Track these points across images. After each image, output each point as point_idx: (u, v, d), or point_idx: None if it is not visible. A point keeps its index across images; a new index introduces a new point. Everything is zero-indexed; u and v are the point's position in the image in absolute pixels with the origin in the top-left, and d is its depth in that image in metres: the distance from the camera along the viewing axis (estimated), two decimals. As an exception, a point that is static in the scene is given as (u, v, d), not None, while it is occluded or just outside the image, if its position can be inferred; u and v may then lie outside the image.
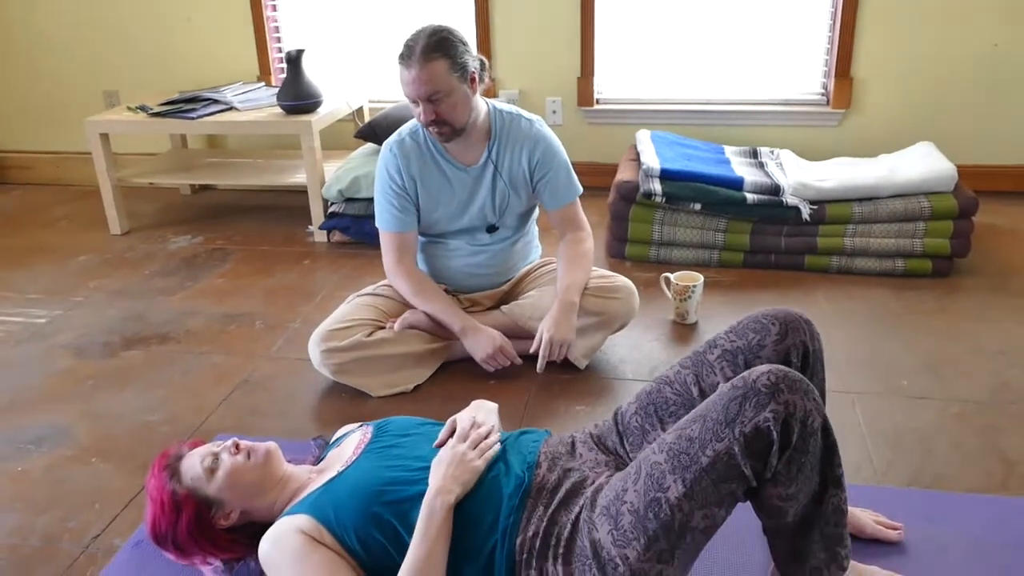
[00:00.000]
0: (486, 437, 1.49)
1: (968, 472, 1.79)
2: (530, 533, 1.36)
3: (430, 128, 2.09)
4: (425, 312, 2.22)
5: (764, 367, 1.22)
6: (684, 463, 1.22)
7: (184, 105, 3.37)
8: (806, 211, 2.75)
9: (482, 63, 2.10)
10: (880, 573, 1.46)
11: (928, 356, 2.27)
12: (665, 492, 1.22)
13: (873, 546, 1.55)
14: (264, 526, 1.48)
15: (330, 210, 3.21)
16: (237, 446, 1.50)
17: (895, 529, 1.59)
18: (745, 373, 1.23)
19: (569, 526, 1.33)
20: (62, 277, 3.02)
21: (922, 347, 2.32)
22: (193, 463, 1.48)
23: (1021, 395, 2.07)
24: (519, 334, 2.25)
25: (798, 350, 1.39)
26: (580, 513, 1.33)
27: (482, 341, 2.19)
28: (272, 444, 1.55)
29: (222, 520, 1.47)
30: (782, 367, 1.22)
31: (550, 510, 1.37)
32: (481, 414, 1.61)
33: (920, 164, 2.86)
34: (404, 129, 2.25)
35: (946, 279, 2.73)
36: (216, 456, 1.49)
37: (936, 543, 1.57)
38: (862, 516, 1.59)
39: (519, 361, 2.21)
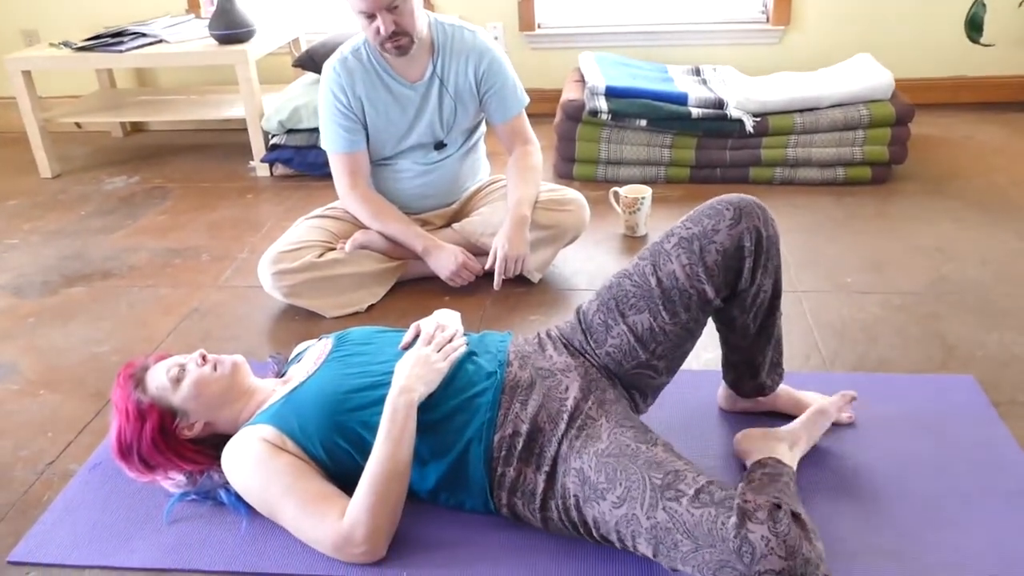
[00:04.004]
0: (450, 341, 1.50)
1: (910, 356, 1.87)
2: (508, 431, 1.37)
3: (387, 43, 2.03)
4: (384, 234, 2.20)
5: (764, 515, 1.13)
6: (659, 540, 1.19)
7: (110, 39, 3.23)
8: (749, 124, 2.78)
9: None
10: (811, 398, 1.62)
11: (870, 256, 2.34)
12: (633, 540, 1.23)
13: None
14: (228, 438, 1.47)
15: (271, 142, 3.14)
16: (204, 357, 1.49)
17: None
18: (739, 520, 1.13)
19: (555, 446, 1.34)
20: (-8, 221, 2.91)
21: (864, 248, 2.38)
22: (159, 373, 1.47)
23: (958, 286, 2.15)
24: (472, 251, 2.24)
25: (751, 234, 1.39)
26: (560, 447, 1.33)
27: (445, 259, 2.18)
28: (239, 357, 1.53)
29: (186, 430, 1.46)
30: (782, 529, 1.12)
31: (528, 409, 1.37)
32: (445, 320, 1.61)
33: (858, 74, 2.91)
34: (345, 48, 2.20)
35: (885, 185, 2.80)
36: (182, 367, 1.47)
37: (883, 418, 1.64)
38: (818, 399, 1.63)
39: (483, 273, 2.20)
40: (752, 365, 1.56)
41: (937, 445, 1.57)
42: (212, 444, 1.49)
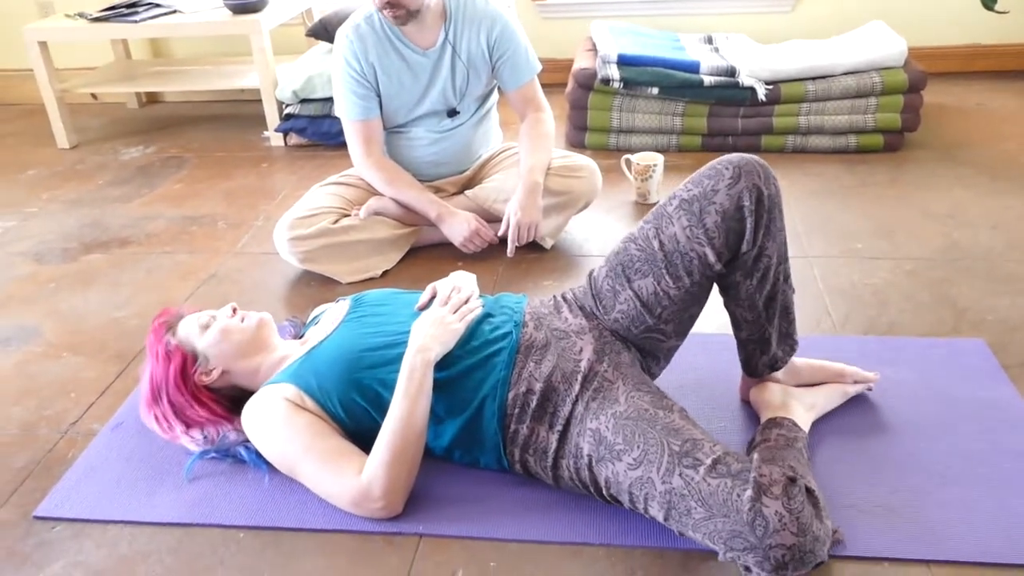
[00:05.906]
0: (466, 303, 1.52)
1: (921, 320, 1.88)
2: (523, 389, 1.39)
3: (384, 11, 2.05)
4: (398, 201, 2.22)
5: (779, 490, 1.15)
6: (672, 505, 1.23)
7: (124, 10, 3.25)
8: (762, 91, 2.77)
9: None
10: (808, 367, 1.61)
11: (881, 222, 2.34)
12: (645, 502, 1.26)
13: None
14: (245, 393, 1.51)
15: (285, 112, 3.15)
16: (234, 310, 1.56)
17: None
18: (755, 494, 1.15)
19: (569, 406, 1.36)
20: (12, 190, 2.94)
21: (875, 215, 2.39)
22: (190, 321, 1.54)
23: (969, 252, 2.16)
24: (485, 217, 2.26)
25: (751, 193, 1.35)
26: (575, 407, 1.36)
27: (459, 225, 2.20)
28: (267, 314, 1.58)
29: (203, 375, 1.50)
30: (796, 506, 1.15)
31: (542, 368, 1.40)
32: (460, 282, 1.63)
33: (872, 42, 2.90)
34: (357, 15, 2.21)
35: (897, 153, 2.79)
36: (213, 316, 1.54)
37: (893, 381, 1.65)
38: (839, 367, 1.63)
39: (496, 240, 2.23)
40: (763, 339, 1.50)
41: (947, 407, 1.58)
42: (228, 397, 1.53)
